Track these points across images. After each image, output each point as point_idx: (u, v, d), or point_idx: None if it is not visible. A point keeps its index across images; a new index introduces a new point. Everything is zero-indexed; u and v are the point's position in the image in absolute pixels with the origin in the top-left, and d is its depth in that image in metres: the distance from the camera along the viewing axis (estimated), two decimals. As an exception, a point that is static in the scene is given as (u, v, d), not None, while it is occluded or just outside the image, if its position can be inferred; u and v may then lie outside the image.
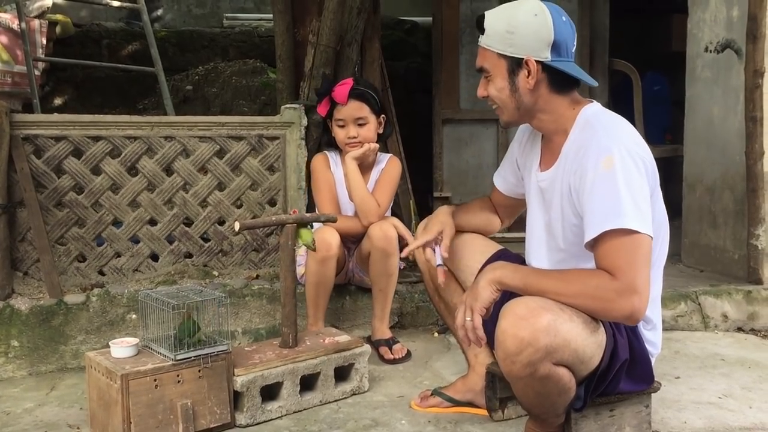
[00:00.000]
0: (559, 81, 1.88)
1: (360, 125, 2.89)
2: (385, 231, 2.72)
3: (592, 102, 1.95)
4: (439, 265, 2.15)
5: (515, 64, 1.85)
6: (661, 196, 1.89)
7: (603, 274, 1.71)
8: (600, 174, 1.74)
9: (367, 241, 2.78)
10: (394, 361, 2.76)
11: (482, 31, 1.89)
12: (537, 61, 1.83)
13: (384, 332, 2.86)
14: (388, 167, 3.00)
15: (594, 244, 1.75)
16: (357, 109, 2.88)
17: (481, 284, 1.80)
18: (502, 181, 2.23)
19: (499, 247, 2.23)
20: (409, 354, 2.82)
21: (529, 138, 2.10)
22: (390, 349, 2.80)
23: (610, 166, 1.73)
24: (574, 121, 1.90)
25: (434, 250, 2.16)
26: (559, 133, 1.93)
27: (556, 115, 1.91)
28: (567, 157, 1.88)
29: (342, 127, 2.91)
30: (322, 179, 2.95)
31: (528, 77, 1.85)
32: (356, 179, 2.85)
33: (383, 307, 2.84)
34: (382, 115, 2.97)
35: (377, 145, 2.95)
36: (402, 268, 3.06)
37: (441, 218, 2.20)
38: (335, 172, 2.97)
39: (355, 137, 2.88)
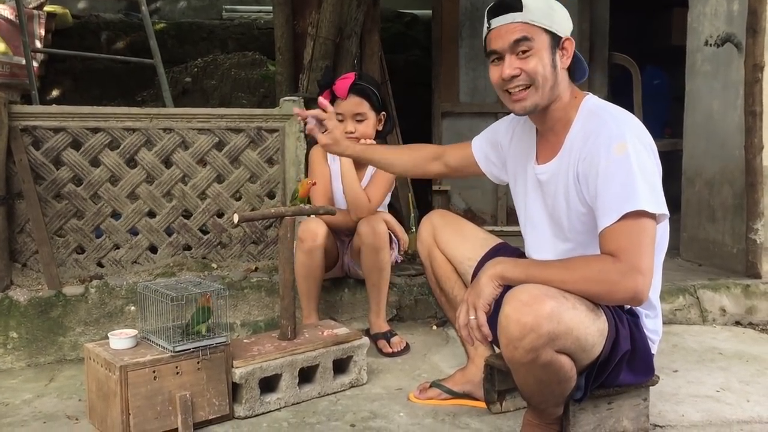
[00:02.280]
0: (573, 68, 1.91)
1: (359, 121, 2.88)
2: (374, 226, 2.72)
3: (588, 93, 1.96)
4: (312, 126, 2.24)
5: (555, 42, 1.85)
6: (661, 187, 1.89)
7: (605, 258, 1.72)
8: (613, 159, 1.75)
9: (357, 237, 2.78)
10: (392, 354, 2.76)
11: (519, 7, 1.82)
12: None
13: (381, 326, 2.86)
14: None
15: (602, 230, 1.75)
16: (356, 104, 2.87)
17: (482, 281, 1.80)
18: (481, 154, 2.23)
19: (499, 240, 2.24)
20: (408, 347, 2.82)
21: (520, 129, 2.09)
22: (388, 342, 2.80)
23: (622, 151, 1.74)
24: (576, 111, 1.90)
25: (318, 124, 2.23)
26: (561, 123, 1.92)
27: (563, 104, 1.91)
28: (572, 147, 1.87)
29: (341, 121, 2.89)
30: (317, 171, 2.95)
31: (563, 57, 1.87)
32: (349, 174, 2.84)
33: (378, 301, 2.85)
34: (383, 113, 2.96)
35: (374, 143, 2.94)
36: (399, 261, 3.06)
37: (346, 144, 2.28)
38: (332, 164, 2.97)
39: (352, 132, 2.87)
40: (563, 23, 1.86)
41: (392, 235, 2.90)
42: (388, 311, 3.12)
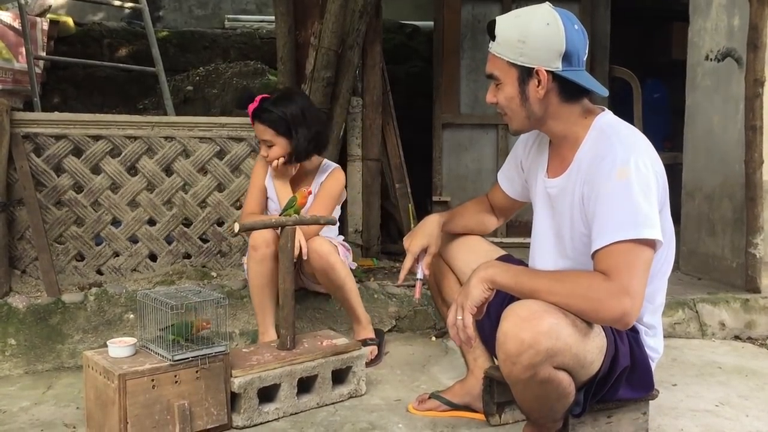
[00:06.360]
0: (570, 90, 1.85)
1: (269, 146, 2.75)
2: (318, 250, 2.63)
3: (604, 110, 1.93)
4: (419, 279, 2.17)
5: (526, 74, 1.82)
6: (669, 209, 1.89)
7: (596, 275, 1.71)
8: (614, 184, 1.73)
9: (306, 263, 2.69)
10: (370, 363, 2.70)
11: (493, 37, 1.85)
12: (547, 71, 1.81)
13: (361, 333, 2.81)
14: (328, 181, 2.86)
15: (595, 251, 1.74)
16: (261, 131, 2.75)
17: (472, 283, 1.79)
18: (508, 182, 2.21)
19: (503, 252, 2.23)
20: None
21: (536, 142, 2.07)
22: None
23: (624, 177, 1.72)
24: (587, 130, 1.88)
25: (417, 263, 2.17)
26: (569, 141, 1.91)
27: (568, 124, 1.89)
28: (580, 166, 1.86)
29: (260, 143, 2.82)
30: (253, 181, 2.88)
31: (538, 87, 1.82)
32: (282, 198, 2.77)
33: (352, 312, 2.80)
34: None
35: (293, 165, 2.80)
36: (353, 268, 2.97)
37: (428, 231, 2.18)
38: (268, 182, 2.87)
39: (265, 156, 2.77)
40: (538, 54, 1.79)
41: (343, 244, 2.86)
42: (388, 322, 3.12)
